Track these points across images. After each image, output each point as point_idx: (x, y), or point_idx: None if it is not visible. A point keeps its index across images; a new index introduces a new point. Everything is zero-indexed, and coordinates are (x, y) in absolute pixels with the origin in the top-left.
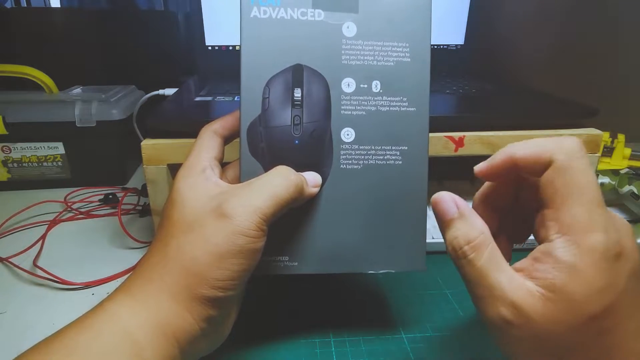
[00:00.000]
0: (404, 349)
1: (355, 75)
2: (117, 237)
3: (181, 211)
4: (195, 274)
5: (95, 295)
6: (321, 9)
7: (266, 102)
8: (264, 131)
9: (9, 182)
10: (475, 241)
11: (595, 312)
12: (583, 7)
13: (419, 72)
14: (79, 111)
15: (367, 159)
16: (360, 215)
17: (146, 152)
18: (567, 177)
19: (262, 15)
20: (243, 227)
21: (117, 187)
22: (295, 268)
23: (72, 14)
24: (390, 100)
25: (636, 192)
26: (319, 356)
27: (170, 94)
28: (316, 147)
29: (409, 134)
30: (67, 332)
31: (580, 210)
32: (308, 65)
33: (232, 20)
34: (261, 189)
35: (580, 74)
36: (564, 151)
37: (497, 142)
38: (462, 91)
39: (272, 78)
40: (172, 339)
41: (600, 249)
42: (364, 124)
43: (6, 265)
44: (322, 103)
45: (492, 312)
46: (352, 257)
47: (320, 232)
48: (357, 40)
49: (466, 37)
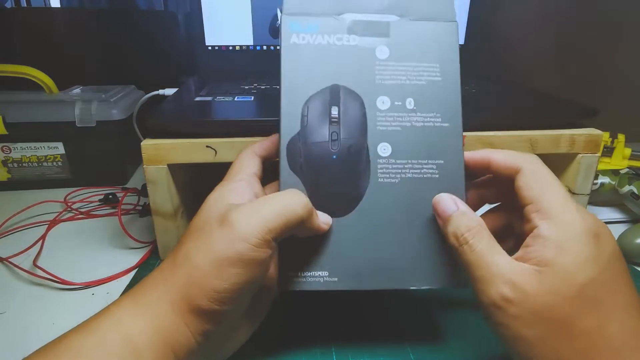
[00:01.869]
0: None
1: (389, 93)
2: (117, 237)
3: (198, 218)
4: (195, 284)
5: (95, 295)
6: (356, 35)
7: (305, 120)
8: (303, 147)
9: (9, 182)
10: (475, 229)
11: (584, 281)
12: (583, 7)
13: (450, 90)
14: (79, 111)
15: (405, 172)
16: (399, 230)
17: (146, 152)
18: (536, 176)
19: (301, 42)
20: (244, 233)
21: (117, 187)
22: (335, 284)
23: (72, 14)
24: (424, 116)
25: (636, 192)
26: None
27: (170, 94)
28: (353, 161)
29: (444, 148)
30: (72, 335)
31: (554, 197)
32: (344, 85)
33: (232, 20)
34: (270, 203)
35: (580, 74)
36: (529, 160)
37: (497, 142)
38: (462, 91)
39: (311, 97)
40: (169, 350)
41: (579, 226)
42: (399, 139)
43: (6, 265)
44: (358, 120)
45: (492, 291)
46: (392, 272)
47: (360, 247)
48: (390, 62)
49: (466, 37)
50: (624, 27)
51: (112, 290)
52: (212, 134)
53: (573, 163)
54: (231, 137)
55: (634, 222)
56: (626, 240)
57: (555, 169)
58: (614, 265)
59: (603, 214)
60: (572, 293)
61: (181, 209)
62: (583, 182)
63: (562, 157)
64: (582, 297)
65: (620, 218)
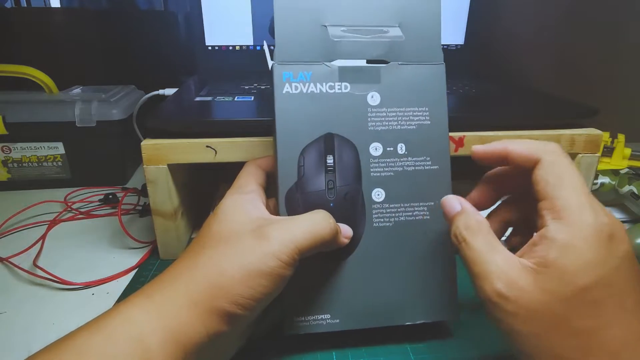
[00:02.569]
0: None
1: (381, 139)
2: (117, 237)
3: (221, 225)
4: (220, 286)
5: (95, 295)
6: (347, 82)
7: (302, 170)
8: (301, 197)
9: (9, 182)
10: (473, 227)
11: (585, 284)
12: (583, 7)
13: (438, 133)
14: (79, 111)
15: (398, 216)
16: (394, 270)
17: (146, 152)
18: (555, 170)
19: (294, 91)
20: (278, 251)
21: (117, 187)
22: (337, 325)
23: (72, 14)
24: (415, 160)
25: (636, 192)
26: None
27: (170, 94)
28: (350, 208)
29: (434, 190)
30: (80, 333)
31: (570, 195)
32: (338, 133)
33: (232, 20)
34: (302, 224)
35: (580, 74)
36: (549, 150)
37: None
38: (462, 91)
39: (306, 147)
40: (181, 349)
41: (591, 226)
42: (392, 184)
43: (6, 265)
44: (353, 167)
45: (488, 287)
46: (389, 311)
47: (358, 289)
48: (382, 108)
49: (466, 37)
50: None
51: (112, 290)
52: (212, 134)
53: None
54: (231, 137)
55: (634, 222)
56: None
57: None
58: (624, 267)
59: None
60: (568, 294)
61: (181, 209)
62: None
63: None
64: (581, 299)
65: (620, 218)
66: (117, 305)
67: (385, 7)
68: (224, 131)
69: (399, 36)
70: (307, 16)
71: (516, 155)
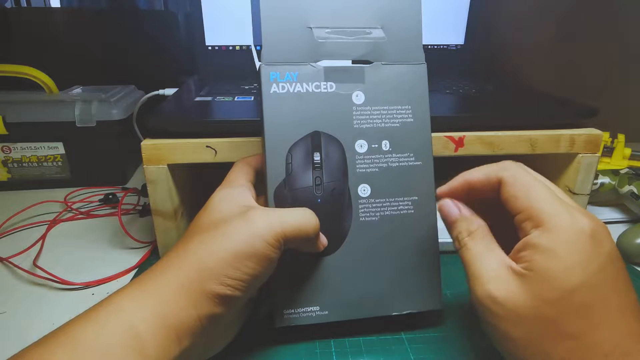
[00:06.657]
0: (403, 349)
1: (366, 137)
2: (117, 237)
3: (210, 215)
4: (208, 268)
5: (95, 295)
6: (333, 82)
7: (290, 167)
8: (289, 193)
9: (9, 182)
10: (474, 232)
11: (570, 287)
12: (583, 7)
13: (421, 130)
14: (79, 111)
15: (383, 210)
16: (380, 263)
17: (146, 152)
18: (519, 185)
19: (281, 91)
20: (263, 232)
21: (117, 187)
22: (326, 317)
23: (72, 14)
24: (399, 156)
25: (636, 192)
26: (319, 357)
27: (170, 94)
28: (337, 203)
29: (417, 185)
30: (73, 325)
31: (542, 204)
32: (324, 131)
33: (232, 20)
34: (289, 212)
35: (580, 73)
36: (506, 168)
37: (497, 142)
38: (462, 91)
39: (294, 145)
40: (173, 334)
41: (570, 230)
42: (377, 179)
43: (6, 265)
44: (339, 164)
45: (480, 289)
46: (375, 302)
47: (346, 282)
48: (366, 107)
49: (466, 37)
50: (624, 26)
51: (112, 290)
52: (212, 134)
53: (573, 163)
54: (231, 137)
55: (634, 222)
56: (626, 240)
57: (555, 169)
58: (609, 267)
59: (603, 214)
60: (556, 297)
61: (181, 209)
62: (583, 182)
63: (562, 157)
64: (568, 302)
65: (620, 218)
66: (109, 296)
67: (368, 9)
68: (224, 131)
69: (381, 37)
70: (293, 18)
71: (477, 183)
